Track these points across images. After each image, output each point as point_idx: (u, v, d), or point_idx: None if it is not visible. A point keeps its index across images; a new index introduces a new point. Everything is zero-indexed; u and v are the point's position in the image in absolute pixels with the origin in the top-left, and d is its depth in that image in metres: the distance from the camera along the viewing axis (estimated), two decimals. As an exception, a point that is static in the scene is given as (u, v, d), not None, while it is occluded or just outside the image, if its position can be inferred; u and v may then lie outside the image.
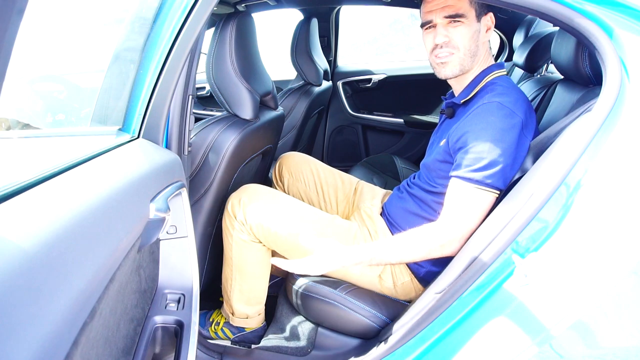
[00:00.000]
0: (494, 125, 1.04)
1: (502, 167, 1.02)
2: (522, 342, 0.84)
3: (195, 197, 1.24)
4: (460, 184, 1.06)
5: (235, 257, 1.26)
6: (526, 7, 0.91)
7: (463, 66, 1.15)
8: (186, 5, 0.91)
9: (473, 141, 1.04)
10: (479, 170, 1.03)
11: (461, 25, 1.12)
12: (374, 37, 7.12)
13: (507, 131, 1.03)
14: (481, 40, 1.15)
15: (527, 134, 1.06)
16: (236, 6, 1.74)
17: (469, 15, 1.11)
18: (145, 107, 0.92)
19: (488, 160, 1.02)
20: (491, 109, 1.06)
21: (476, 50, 1.15)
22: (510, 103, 1.05)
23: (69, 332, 0.47)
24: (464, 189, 1.05)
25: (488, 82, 1.15)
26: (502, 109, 1.05)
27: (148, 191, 0.75)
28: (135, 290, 0.76)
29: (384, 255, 1.07)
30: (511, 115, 1.04)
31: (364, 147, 2.87)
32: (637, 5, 0.88)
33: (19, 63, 0.50)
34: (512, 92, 1.09)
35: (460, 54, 1.14)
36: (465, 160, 1.05)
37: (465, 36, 1.12)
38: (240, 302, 1.31)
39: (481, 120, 1.06)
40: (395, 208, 1.31)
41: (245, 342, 1.35)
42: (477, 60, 1.17)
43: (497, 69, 1.17)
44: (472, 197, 1.04)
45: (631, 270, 0.80)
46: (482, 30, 1.15)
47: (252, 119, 1.36)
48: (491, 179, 1.02)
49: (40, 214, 0.49)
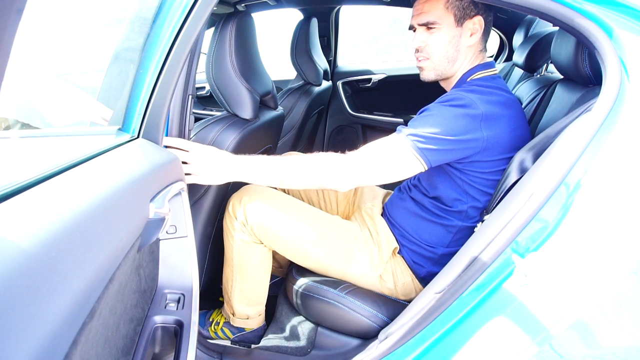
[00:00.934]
0: (447, 108, 1.05)
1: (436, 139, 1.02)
2: (522, 342, 0.84)
3: (195, 197, 1.24)
4: (391, 135, 1.08)
5: (236, 257, 1.26)
6: (526, 7, 0.91)
7: (438, 72, 1.18)
8: (186, 5, 0.91)
9: (422, 116, 1.07)
10: (411, 129, 1.04)
11: (437, 32, 1.13)
12: (374, 37, 7.12)
13: (457, 116, 1.03)
14: (463, 45, 1.15)
15: (487, 126, 1.04)
16: (236, 6, 1.74)
17: (443, 21, 1.12)
18: (145, 107, 0.92)
19: (426, 132, 1.03)
20: (450, 96, 1.08)
21: (455, 55, 1.15)
22: (474, 97, 1.06)
23: (69, 332, 0.47)
24: (390, 137, 1.07)
25: (470, 82, 1.16)
26: (462, 98, 1.06)
27: (148, 191, 0.75)
28: (135, 290, 0.76)
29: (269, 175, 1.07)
30: (469, 105, 1.04)
31: (364, 147, 2.87)
32: (637, 5, 0.88)
33: (18, 63, 0.50)
34: (484, 90, 1.09)
35: (434, 60, 1.16)
36: (406, 127, 1.07)
37: (440, 42, 1.14)
38: (240, 302, 1.31)
39: (439, 103, 1.08)
40: (396, 208, 1.31)
41: (245, 342, 1.35)
42: (460, 65, 1.17)
43: (483, 69, 1.17)
44: (392, 146, 1.05)
45: (631, 270, 0.80)
46: (464, 35, 1.14)
47: (252, 119, 1.36)
48: (418, 142, 1.03)
49: (39, 214, 0.49)
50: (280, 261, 1.55)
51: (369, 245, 1.25)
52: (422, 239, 1.23)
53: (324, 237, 1.23)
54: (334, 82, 2.81)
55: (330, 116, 2.88)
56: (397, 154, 1.04)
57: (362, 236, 1.27)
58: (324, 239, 1.23)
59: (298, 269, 1.30)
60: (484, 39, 1.18)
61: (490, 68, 1.18)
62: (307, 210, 1.29)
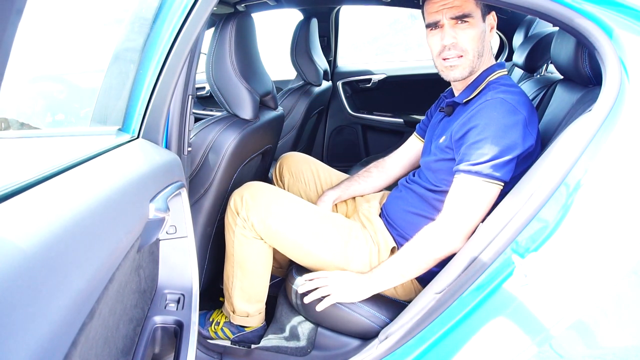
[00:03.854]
0: (497, 121, 1.04)
1: (506, 160, 1.03)
2: (522, 342, 0.84)
3: (195, 197, 1.24)
4: (463, 177, 1.06)
5: (237, 253, 1.27)
6: (526, 7, 0.91)
7: (472, 68, 1.15)
8: (186, 5, 0.91)
9: (477, 136, 1.05)
10: (482, 163, 1.03)
11: (469, 27, 1.10)
12: (374, 37, 7.12)
13: (510, 127, 1.03)
14: (487, 40, 1.15)
15: (532, 130, 1.06)
16: (236, 6, 1.74)
17: (475, 15, 1.10)
18: (145, 107, 0.92)
19: (491, 154, 1.02)
20: (495, 105, 1.06)
21: (483, 50, 1.14)
22: (513, 100, 1.06)
23: (68, 332, 0.47)
24: (467, 181, 1.06)
25: (491, 82, 1.15)
26: (505, 104, 1.05)
27: (148, 191, 0.75)
28: (135, 291, 0.76)
29: (396, 275, 1.13)
30: (514, 112, 1.04)
31: (364, 147, 2.87)
32: (637, 5, 0.88)
33: (18, 63, 0.50)
34: (515, 91, 1.10)
35: (469, 57, 1.13)
36: (468, 155, 1.05)
37: (473, 37, 1.11)
38: (241, 299, 1.31)
39: (485, 116, 1.06)
40: (393, 208, 1.31)
41: (245, 342, 1.35)
42: (483, 61, 1.16)
43: (499, 69, 1.18)
44: (476, 190, 1.05)
45: (631, 270, 0.80)
46: (487, 30, 1.14)
47: (252, 119, 1.36)
48: (495, 170, 1.03)
49: (39, 214, 0.49)
50: (280, 261, 1.55)
51: (369, 244, 1.25)
52: None
53: (324, 234, 1.24)
54: (334, 82, 2.81)
55: (330, 116, 2.88)
56: (479, 194, 1.05)
57: (363, 236, 1.27)
58: (324, 236, 1.24)
59: (298, 269, 1.30)
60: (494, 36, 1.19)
61: (503, 68, 1.19)
62: (308, 208, 1.29)
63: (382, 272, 1.14)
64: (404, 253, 1.13)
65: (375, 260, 1.23)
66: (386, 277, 1.14)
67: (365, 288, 1.14)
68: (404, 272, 1.12)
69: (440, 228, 1.08)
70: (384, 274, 1.14)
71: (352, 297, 1.14)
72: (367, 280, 1.15)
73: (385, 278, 1.14)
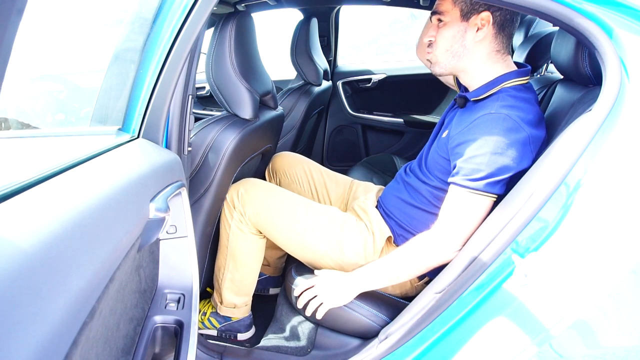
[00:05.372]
0: (497, 137, 1.02)
1: (501, 179, 1.02)
2: (522, 342, 0.84)
3: (195, 196, 1.24)
4: (457, 190, 1.07)
5: (230, 245, 1.31)
6: (526, 7, 0.91)
7: (443, 67, 1.14)
8: (186, 5, 0.91)
9: (475, 150, 1.04)
10: (477, 180, 1.03)
11: (443, 26, 1.12)
12: (374, 37, 7.12)
13: (510, 146, 1.01)
14: (469, 40, 1.10)
15: (534, 148, 1.03)
16: (236, 6, 1.74)
17: (449, 15, 1.10)
18: (145, 107, 0.92)
19: (487, 172, 1.02)
20: (497, 121, 1.03)
21: (461, 51, 1.11)
22: (517, 117, 1.02)
23: (69, 332, 0.47)
24: (462, 194, 1.06)
25: (504, 88, 1.10)
26: (508, 121, 1.02)
27: (148, 191, 0.75)
28: (135, 290, 0.76)
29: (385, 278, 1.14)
30: (516, 130, 1.01)
31: (364, 147, 2.87)
32: (637, 5, 0.87)
33: (18, 63, 0.50)
34: (522, 106, 1.05)
35: (436, 53, 1.14)
36: (463, 170, 1.05)
37: (444, 37, 1.11)
38: (230, 291, 1.35)
39: (485, 131, 1.03)
40: (390, 197, 1.32)
41: (231, 331, 1.39)
42: (472, 61, 1.12)
43: (517, 77, 1.11)
44: (471, 202, 1.05)
45: (631, 270, 0.80)
46: (469, 30, 1.09)
47: (252, 119, 1.36)
48: (490, 186, 1.03)
49: (39, 214, 0.49)
50: (267, 259, 1.60)
51: (364, 234, 1.26)
52: (418, 229, 1.22)
53: (318, 225, 1.27)
54: (334, 82, 2.81)
55: (330, 116, 2.88)
56: (474, 206, 1.05)
57: (357, 226, 1.28)
58: (318, 227, 1.26)
59: (297, 269, 1.30)
60: (498, 38, 1.10)
61: (524, 76, 1.12)
62: (302, 201, 1.32)
63: (370, 271, 1.15)
64: (396, 258, 1.14)
65: (370, 250, 1.24)
66: (374, 277, 1.15)
67: (353, 287, 1.15)
68: (392, 277, 1.14)
69: (435, 237, 1.09)
70: (372, 273, 1.15)
71: (343, 299, 1.15)
72: (353, 279, 1.16)
73: (374, 278, 1.15)
